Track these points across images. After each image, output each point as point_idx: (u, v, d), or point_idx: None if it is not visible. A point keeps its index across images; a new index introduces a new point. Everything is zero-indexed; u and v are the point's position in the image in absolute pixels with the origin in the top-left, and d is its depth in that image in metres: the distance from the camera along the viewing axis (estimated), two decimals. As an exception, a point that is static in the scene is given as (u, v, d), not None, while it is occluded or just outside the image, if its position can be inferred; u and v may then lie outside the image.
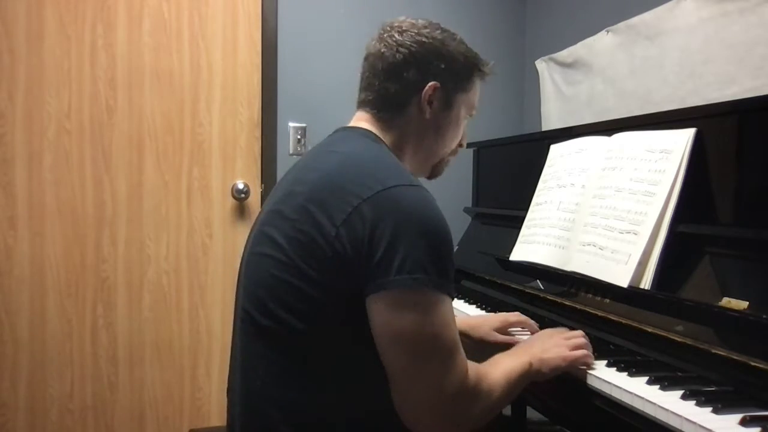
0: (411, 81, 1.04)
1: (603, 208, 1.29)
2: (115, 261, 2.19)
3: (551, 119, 2.45)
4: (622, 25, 2.04)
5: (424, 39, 1.05)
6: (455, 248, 2.01)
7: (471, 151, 2.21)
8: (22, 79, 2.07)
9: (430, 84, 1.04)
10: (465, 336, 1.32)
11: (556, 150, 1.60)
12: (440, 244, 0.89)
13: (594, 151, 1.42)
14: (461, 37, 1.11)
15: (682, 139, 1.17)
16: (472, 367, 0.92)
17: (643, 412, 0.89)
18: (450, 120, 1.10)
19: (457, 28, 1.13)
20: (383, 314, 0.87)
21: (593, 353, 1.09)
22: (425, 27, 1.07)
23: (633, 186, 1.23)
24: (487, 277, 1.69)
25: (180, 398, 2.28)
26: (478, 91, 1.15)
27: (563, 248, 1.39)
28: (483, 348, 1.31)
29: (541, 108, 2.52)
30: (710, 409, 0.83)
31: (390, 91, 1.05)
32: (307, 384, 0.93)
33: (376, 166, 0.95)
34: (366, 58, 1.10)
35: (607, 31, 2.12)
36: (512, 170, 1.98)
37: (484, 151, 2.16)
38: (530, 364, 0.99)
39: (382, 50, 1.06)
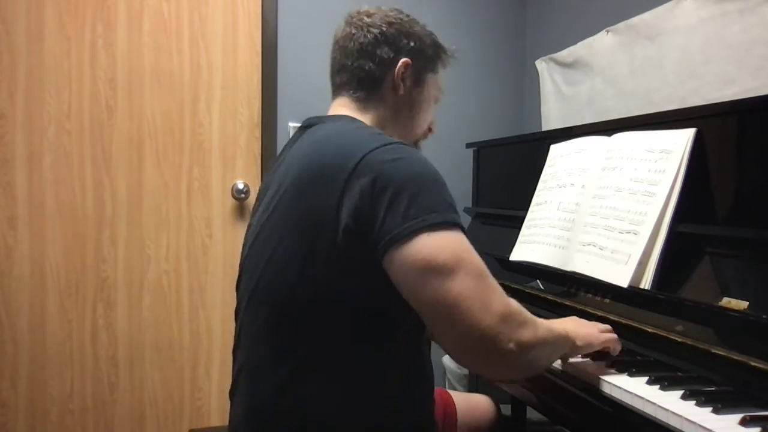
0: (384, 58, 1.07)
1: (603, 208, 1.29)
2: (115, 261, 2.19)
3: (551, 119, 2.45)
4: (622, 25, 2.04)
5: (392, 20, 1.09)
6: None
7: (471, 151, 2.21)
8: (22, 79, 2.07)
9: (402, 60, 1.07)
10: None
11: (556, 150, 1.60)
12: (436, 185, 0.90)
13: (594, 151, 1.42)
14: (422, 23, 1.15)
15: (682, 139, 1.17)
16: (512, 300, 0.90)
17: (643, 412, 0.89)
18: (422, 97, 1.12)
19: (457, 28, 1.15)
20: (401, 258, 0.85)
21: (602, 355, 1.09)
22: (391, 11, 1.11)
23: (633, 186, 1.23)
24: (487, 277, 1.69)
25: (180, 398, 2.28)
26: (441, 76, 1.17)
27: (563, 248, 1.39)
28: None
29: (541, 108, 2.52)
30: (710, 409, 0.83)
31: (364, 68, 1.07)
32: (318, 382, 0.93)
33: (353, 136, 0.96)
34: (336, 43, 1.12)
35: (607, 31, 2.12)
36: (512, 170, 1.98)
37: (484, 151, 2.16)
38: (566, 332, 0.98)
39: (353, 32, 1.09)
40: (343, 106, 1.09)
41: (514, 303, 0.87)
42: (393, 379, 0.95)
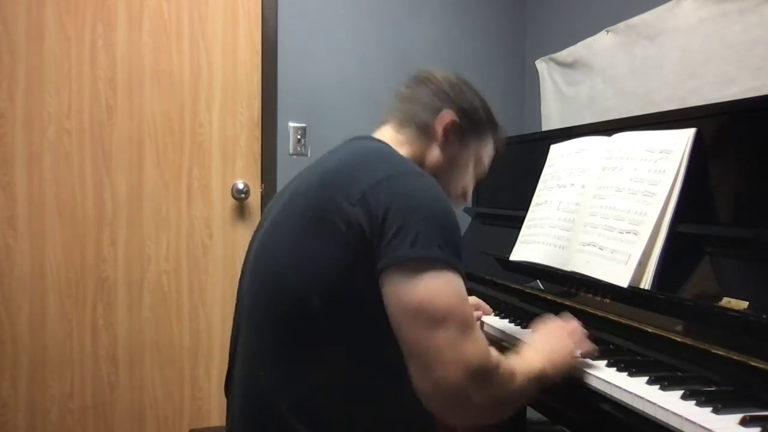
0: (431, 106, 1.11)
1: (603, 208, 1.29)
2: (115, 261, 2.19)
3: (551, 119, 2.45)
4: (622, 25, 2.04)
5: (453, 81, 1.14)
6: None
7: (471, 151, 2.21)
8: (22, 79, 2.07)
9: (449, 112, 1.10)
10: None
11: (556, 150, 1.60)
12: (452, 227, 0.92)
13: (594, 151, 1.42)
14: (484, 98, 1.18)
15: (682, 139, 1.17)
16: (493, 351, 0.91)
17: (643, 412, 0.89)
18: (460, 156, 1.14)
19: (457, 29, 1.15)
20: (397, 286, 0.87)
21: (602, 355, 1.09)
22: (454, 76, 1.16)
23: (633, 186, 1.23)
24: (487, 277, 1.69)
25: (180, 398, 2.28)
26: (490, 151, 1.20)
27: (563, 248, 1.39)
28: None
29: (541, 108, 2.52)
30: (710, 409, 0.83)
31: (411, 111, 1.12)
32: (317, 377, 0.93)
33: (384, 157, 1.00)
34: (418, 77, 1.16)
35: (607, 31, 2.12)
36: (512, 170, 1.98)
37: (484, 151, 2.16)
38: (544, 368, 0.98)
39: (436, 76, 1.14)
40: (384, 134, 1.12)
41: (494, 358, 0.88)
42: (392, 380, 0.95)
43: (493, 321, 1.43)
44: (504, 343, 1.30)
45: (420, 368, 0.87)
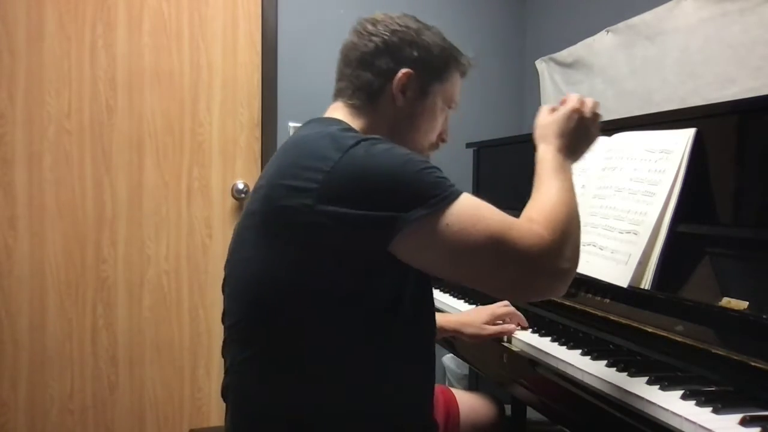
0: (383, 69, 1.03)
1: (603, 208, 1.29)
2: (115, 261, 2.19)
3: (551, 119, 2.45)
4: (622, 25, 2.04)
5: (397, 28, 1.04)
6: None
7: (471, 151, 2.21)
8: (22, 79, 2.07)
9: (402, 71, 1.03)
10: (457, 333, 1.33)
11: (556, 150, 1.59)
12: (422, 166, 0.88)
13: (594, 151, 1.42)
14: (439, 30, 1.10)
15: (682, 139, 1.17)
16: (542, 215, 0.91)
17: (643, 412, 0.89)
18: (424, 109, 1.07)
19: (457, 29, 1.13)
20: (422, 250, 0.86)
21: (591, 351, 1.09)
22: (399, 18, 1.07)
23: (633, 186, 1.23)
24: (487, 277, 1.69)
25: (180, 398, 2.28)
26: (458, 84, 1.11)
27: (563, 248, 1.39)
28: (477, 343, 1.31)
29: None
30: (710, 409, 0.83)
31: (362, 78, 1.04)
32: (300, 382, 0.93)
33: (331, 136, 0.93)
34: (340, 52, 1.09)
35: (607, 31, 2.12)
36: (512, 170, 1.98)
37: (484, 151, 2.16)
38: (564, 160, 1.04)
39: (354, 41, 1.06)
40: (337, 110, 1.07)
41: (542, 233, 0.87)
42: (377, 375, 0.94)
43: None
44: (503, 343, 1.30)
45: (497, 288, 0.90)
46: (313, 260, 0.88)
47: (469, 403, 1.35)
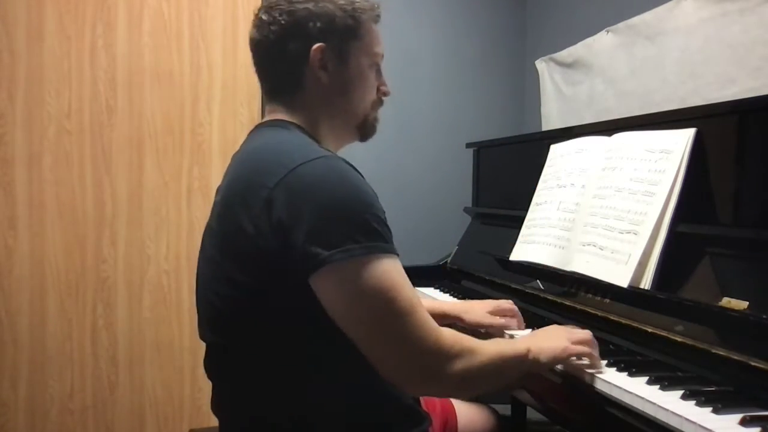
0: (294, 54, 0.99)
1: (603, 208, 1.29)
2: (115, 261, 2.19)
3: (551, 119, 2.45)
4: (622, 25, 2.04)
5: (291, 7, 0.99)
6: (455, 248, 2.02)
7: (471, 151, 2.21)
8: (22, 79, 2.07)
9: (314, 48, 0.98)
10: (458, 320, 1.33)
11: (556, 150, 1.60)
12: (361, 209, 0.86)
13: (594, 151, 1.42)
14: None
15: (682, 139, 1.17)
16: (453, 332, 0.90)
17: (643, 412, 0.88)
18: (351, 74, 1.02)
19: (457, 29, 1.12)
20: (329, 293, 0.85)
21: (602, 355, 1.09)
22: None
23: (633, 186, 1.23)
24: (487, 277, 1.69)
25: (180, 398, 2.28)
26: (374, 33, 1.05)
27: (563, 248, 1.39)
28: (477, 332, 1.31)
29: (541, 108, 2.52)
30: (710, 409, 0.83)
31: (279, 71, 1.01)
32: (278, 389, 0.93)
33: (279, 150, 0.92)
34: (250, 49, 1.06)
35: (607, 31, 2.12)
36: (512, 170, 1.98)
37: (484, 151, 2.16)
38: (528, 350, 0.97)
39: (256, 36, 1.02)
40: (275, 112, 1.04)
41: (446, 335, 0.88)
42: (375, 378, 0.95)
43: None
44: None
45: (376, 360, 0.87)
46: (264, 277, 0.88)
47: (467, 414, 1.35)
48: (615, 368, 1.02)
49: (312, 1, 0.99)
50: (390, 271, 0.85)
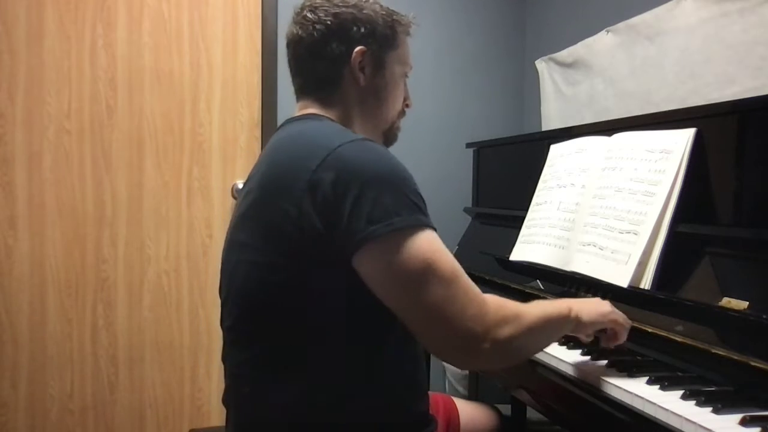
0: (336, 54, 1.03)
1: (603, 208, 1.29)
2: (115, 261, 2.19)
3: (551, 119, 2.45)
4: (622, 25, 2.04)
5: (337, 10, 1.03)
6: (455, 248, 2.02)
7: (471, 151, 2.21)
8: (22, 79, 2.07)
9: (356, 50, 1.03)
10: None
11: (556, 150, 1.60)
12: (402, 185, 0.88)
13: (594, 151, 1.42)
14: None
15: (682, 139, 1.17)
16: (496, 297, 0.90)
17: (643, 412, 0.89)
18: (386, 81, 1.07)
19: (457, 28, 1.13)
20: (373, 266, 0.86)
21: (591, 351, 1.09)
22: None
23: (633, 186, 1.23)
24: (487, 277, 1.69)
25: (180, 398, 2.28)
26: (407, 46, 1.12)
27: (563, 248, 1.39)
28: None
29: (541, 108, 2.52)
30: (710, 409, 0.83)
31: (318, 69, 1.04)
32: (297, 383, 0.93)
33: (317, 135, 0.94)
34: (287, 46, 1.08)
35: (607, 31, 2.12)
36: (512, 170, 1.98)
37: (484, 151, 2.16)
38: (569, 309, 0.97)
39: (299, 33, 1.05)
40: (307, 107, 1.07)
41: (490, 301, 0.88)
42: (375, 382, 0.95)
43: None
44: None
45: (421, 329, 0.87)
46: (306, 261, 0.88)
47: (469, 412, 1.35)
48: (615, 368, 1.03)
49: (356, 7, 1.04)
50: (432, 241, 0.87)
